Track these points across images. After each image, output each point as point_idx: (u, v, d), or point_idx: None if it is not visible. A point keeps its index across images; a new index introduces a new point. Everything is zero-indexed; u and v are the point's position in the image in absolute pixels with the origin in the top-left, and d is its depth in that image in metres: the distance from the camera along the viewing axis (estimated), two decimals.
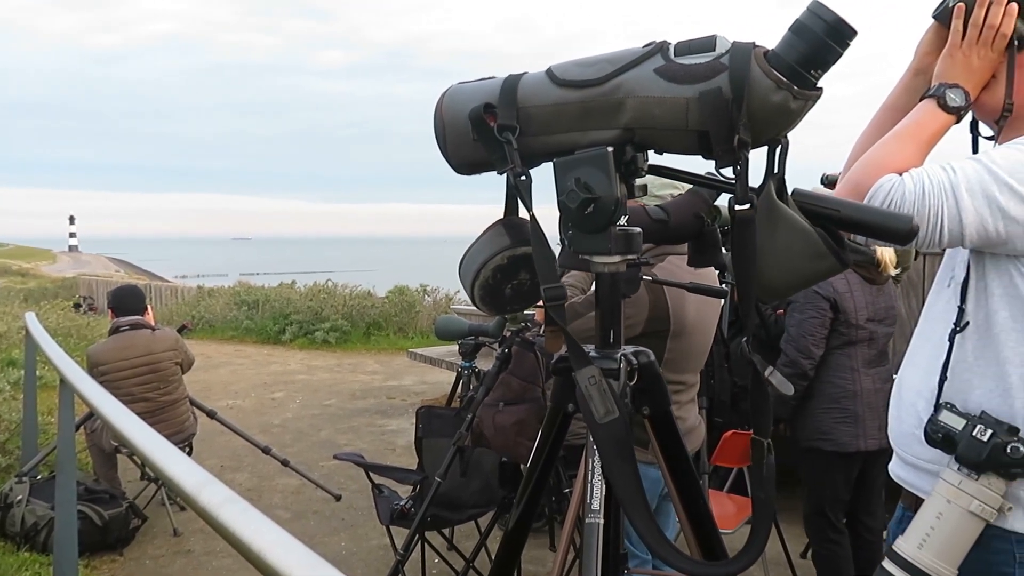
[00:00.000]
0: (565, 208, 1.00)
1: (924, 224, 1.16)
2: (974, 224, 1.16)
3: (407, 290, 12.66)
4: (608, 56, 1.03)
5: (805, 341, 2.87)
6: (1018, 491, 1.22)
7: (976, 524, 1.21)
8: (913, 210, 1.15)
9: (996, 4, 1.24)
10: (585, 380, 0.96)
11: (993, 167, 1.16)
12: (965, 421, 1.23)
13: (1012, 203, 1.15)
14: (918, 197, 1.15)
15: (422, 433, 3.29)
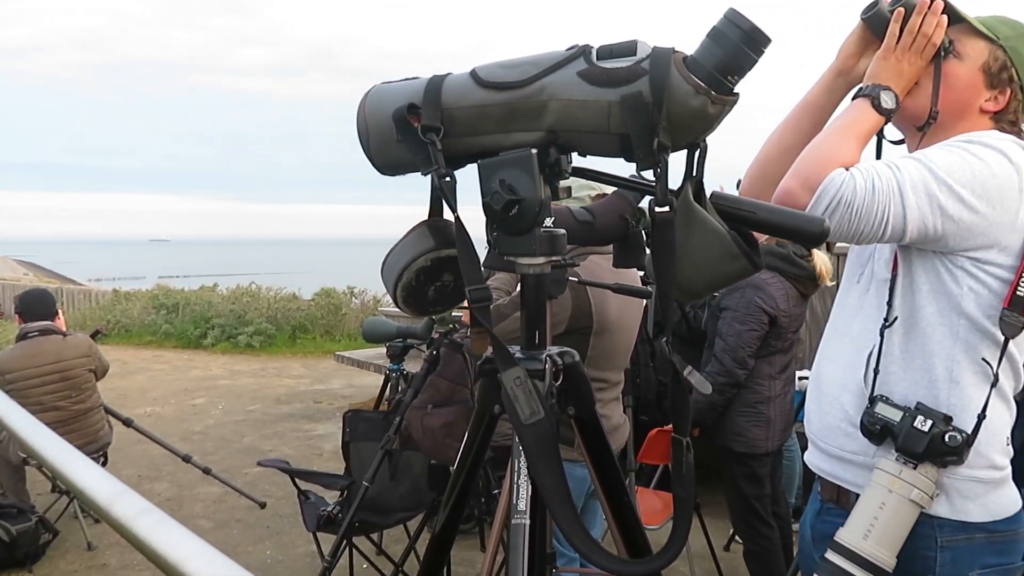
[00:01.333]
0: (490, 210, 1.01)
1: (870, 221, 1.20)
2: (916, 221, 1.21)
3: (334, 292, 12.47)
4: (532, 59, 1.03)
5: (743, 352, 2.94)
6: (942, 477, 1.28)
7: (914, 512, 1.26)
8: (862, 205, 1.19)
9: (931, 14, 1.30)
10: (511, 381, 0.96)
11: (934, 167, 1.21)
12: (903, 413, 1.28)
13: (950, 202, 1.20)
14: (867, 193, 1.19)
15: (349, 437, 3.25)
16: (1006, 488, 1.33)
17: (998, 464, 1.30)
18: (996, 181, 1.21)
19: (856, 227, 1.20)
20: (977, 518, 1.29)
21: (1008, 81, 1.33)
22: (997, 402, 1.29)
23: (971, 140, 1.26)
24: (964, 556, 1.28)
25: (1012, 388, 1.33)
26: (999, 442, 1.31)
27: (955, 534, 1.28)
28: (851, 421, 1.35)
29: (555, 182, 1.06)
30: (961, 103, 1.34)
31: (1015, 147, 1.26)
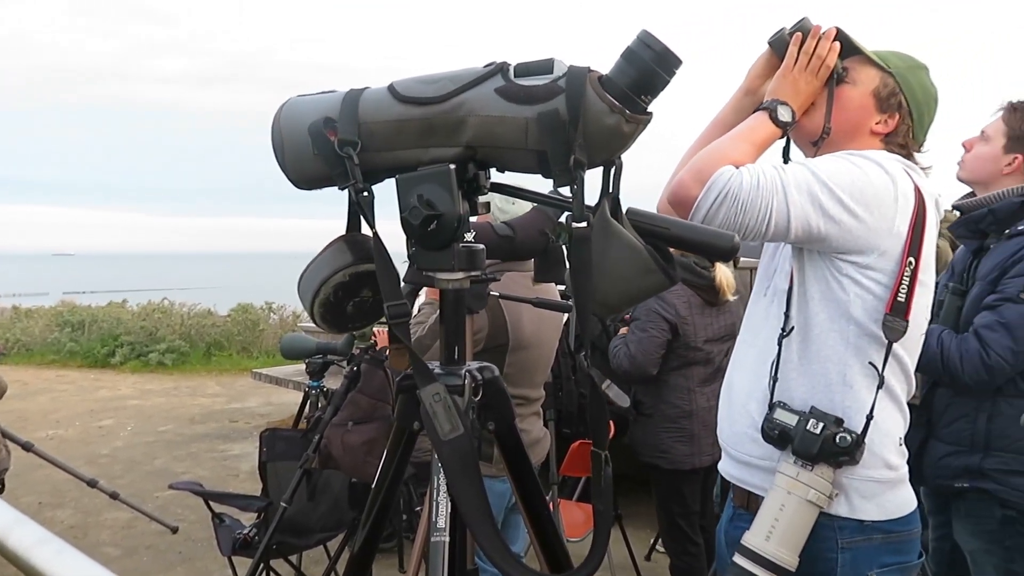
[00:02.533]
0: (408, 225, 1.00)
1: (755, 214, 1.26)
2: (799, 219, 1.28)
3: (251, 308, 12.16)
4: (450, 74, 1.03)
5: (643, 359, 2.97)
6: (840, 478, 1.34)
7: (813, 512, 1.32)
8: (748, 199, 1.26)
9: (825, 39, 1.41)
10: (429, 397, 0.95)
11: (816, 171, 1.30)
12: (798, 417, 1.34)
13: (831, 203, 1.28)
14: (752, 188, 1.26)
15: (266, 457, 3.16)
16: (902, 488, 1.39)
17: (892, 464, 1.37)
18: (873, 189, 1.30)
19: (742, 220, 1.27)
20: (875, 517, 1.34)
21: (897, 107, 1.44)
22: (888, 404, 1.36)
23: (853, 153, 1.36)
24: (863, 556, 1.33)
25: (904, 391, 1.40)
26: (892, 443, 1.37)
27: (854, 535, 1.34)
28: (757, 428, 1.40)
29: (474, 197, 1.06)
30: (852, 123, 1.44)
31: (894, 162, 1.36)
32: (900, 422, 1.40)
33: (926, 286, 1.37)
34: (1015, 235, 1.92)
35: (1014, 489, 1.89)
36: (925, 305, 1.39)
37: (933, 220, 1.38)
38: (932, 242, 1.38)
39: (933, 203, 1.39)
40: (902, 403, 1.40)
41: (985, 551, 1.97)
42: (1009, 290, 1.86)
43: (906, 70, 1.45)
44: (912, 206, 1.32)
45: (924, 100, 1.45)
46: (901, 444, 1.40)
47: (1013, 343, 1.82)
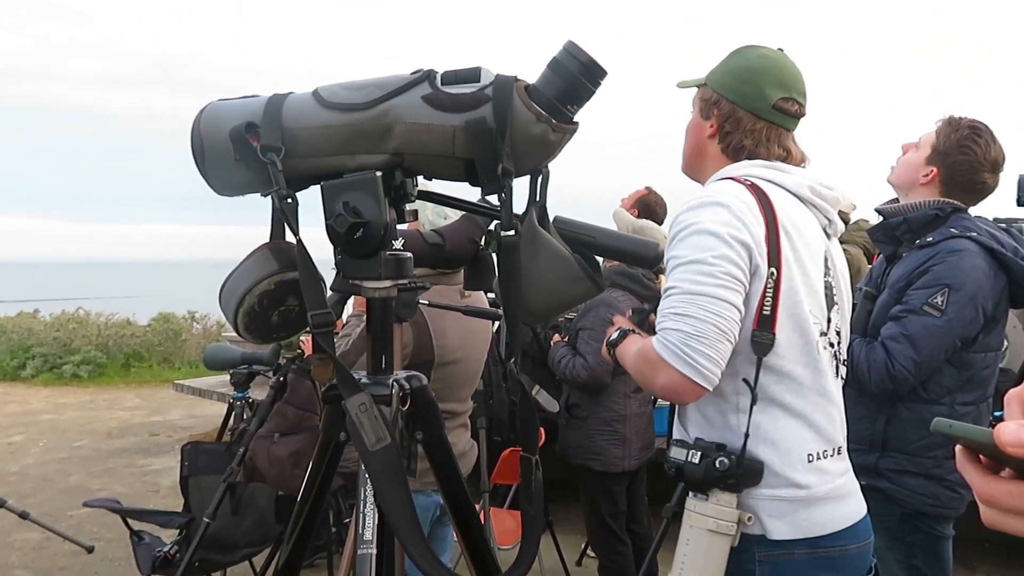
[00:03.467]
0: (333, 232, 0.99)
1: (717, 343, 1.27)
2: (734, 310, 1.30)
3: (173, 317, 11.77)
4: (376, 81, 1.02)
5: (601, 369, 3.01)
6: (748, 500, 1.33)
7: (719, 540, 1.31)
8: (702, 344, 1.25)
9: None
10: (355, 408, 0.94)
11: (688, 280, 1.30)
12: (686, 451, 1.35)
13: (723, 279, 1.29)
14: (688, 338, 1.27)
15: (188, 471, 3.06)
16: (823, 505, 1.35)
17: (800, 483, 1.33)
18: (727, 230, 1.29)
19: (720, 350, 1.26)
20: (788, 536, 1.32)
21: (714, 104, 1.48)
22: (787, 421, 1.34)
23: (683, 230, 1.31)
24: (784, 570, 1.32)
25: (810, 404, 1.36)
26: (798, 460, 1.34)
27: (772, 549, 1.33)
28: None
29: (401, 205, 1.06)
30: (695, 145, 1.53)
31: (725, 192, 1.35)
32: (809, 438, 1.36)
33: (797, 289, 1.34)
34: (924, 246, 1.98)
35: (906, 489, 1.96)
36: (807, 309, 1.35)
37: (795, 218, 1.38)
38: (802, 240, 1.37)
39: (794, 200, 1.40)
40: (809, 417, 1.36)
41: (888, 548, 2.05)
42: (914, 302, 1.92)
43: (715, 69, 1.50)
44: (761, 220, 1.32)
45: (734, 76, 1.46)
46: (816, 459, 1.36)
47: (916, 355, 1.88)
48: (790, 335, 1.33)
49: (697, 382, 1.23)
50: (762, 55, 1.46)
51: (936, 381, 1.95)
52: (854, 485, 1.44)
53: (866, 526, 1.42)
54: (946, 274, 1.90)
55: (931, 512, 1.98)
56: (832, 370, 1.42)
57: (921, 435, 1.96)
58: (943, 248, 1.94)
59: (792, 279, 1.33)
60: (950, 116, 2.07)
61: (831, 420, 1.40)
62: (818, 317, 1.38)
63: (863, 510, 1.42)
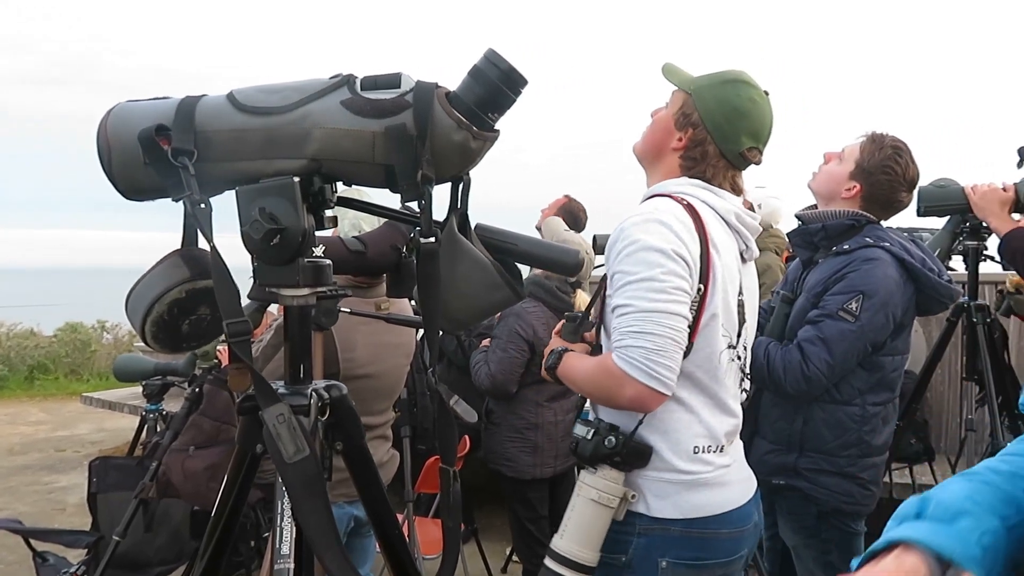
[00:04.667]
0: (249, 239, 0.96)
1: (669, 356, 1.35)
2: (680, 317, 1.38)
3: (81, 327, 11.27)
4: (294, 84, 1.01)
5: (504, 378, 3.03)
6: (636, 480, 1.43)
7: (601, 511, 1.42)
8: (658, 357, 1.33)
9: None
10: (273, 419, 0.92)
11: (638, 295, 1.37)
12: (586, 428, 1.46)
13: (669, 291, 1.37)
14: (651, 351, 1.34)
15: (97, 488, 2.94)
16: (704, 491, 1.45)
17: (683, 469, 1.44)
18: (672, 247, 1.36)
19: (671, 358, 1.36)
20: (670, 515, 1.44)
21: (691, 123, 1.51)
22: (681, 415, 1.44)
23: (628, 244, 1.37)
24: (657, 543, 1.43)
25: (703, 404, 1.47)
26: (684, 450, 1.44)
27: (651, 524, 1.44)
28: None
29: (320, 211, 1.04)
30: (657, 145, 1.56)
31: (664, 210, 1.41)
32: (697, 432, 1.46)
33: (717, 305, 1.43)
34: (841, 253, 2.06)
35: (823, 488, 2.05)
36: (721, 324, 1.45)
37: (719, 239, 1.46)
38: (722, 261, 1.45)
39: (721, 223, 1.48)
40: (700, 414, 1.46)
41: (805, 545, 2.13)
42: (830, 306, 2.00)
43: (706, 87, 1.52)
44: (696, 239, 1.40)
45: (721, 111, 1.50)
46: (701, 452, 1.46)
47: (830, 357, 1.96)
48: (701, 344, 1.43)
49: (662, 392, 1.34)
50: (751, 99, 1.51)
51: (849, 383, 2.04)
52: (736, 476, 1.53)
53: (742, 516, 1.51)
54: (860, 281, 1.99)
55: (846, 509, 2.06)
56: (735, 383, 1.54)
57: (836, 435, 2.04)
58: (858, 256, 2.02)
59: (715, 295, 1.43)
60: (873, 133, 2.16)
61: (721, 423, 1.50)
62: (728, 331, 1.48)
63: (742, 500, 1.52)
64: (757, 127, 1.52)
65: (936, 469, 3.87)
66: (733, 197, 1.53)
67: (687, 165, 1.52)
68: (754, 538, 1.57)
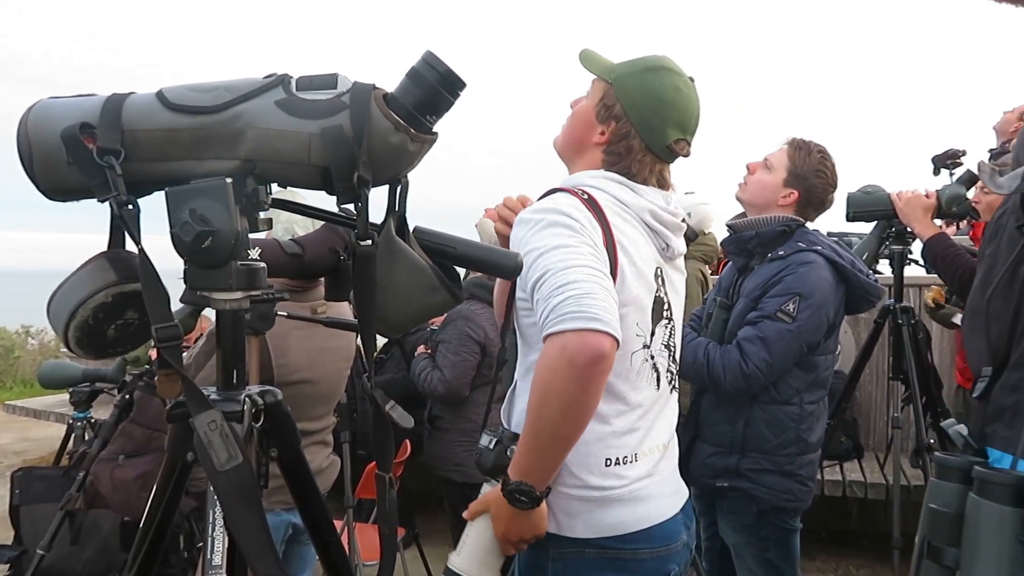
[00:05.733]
0: (179, 241, 0.94)
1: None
2: (604, 286, 1.27)
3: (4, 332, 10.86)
4: (226, 83, 0.98)
5: (458, 383, 3.01)
6: (557, 488, 1.33)
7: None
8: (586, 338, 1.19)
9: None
10: (204, 425, 0.90)
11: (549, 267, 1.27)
12: (490, 438, 1.39)
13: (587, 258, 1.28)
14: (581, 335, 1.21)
15: (19, 500, 2.81)
16: (617, 507, 1.35)
17: (593, 484, 1.34)
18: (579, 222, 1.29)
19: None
20: (581, 534, 1.34)
21: (614, 116, 1.43)
22: (593, 426, 1.28)
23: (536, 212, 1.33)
24: (573, 568, 1.34)
25: (614, 411, 1.37)
26: (595, 463, 1.34)
27: (564, 547, 1.35)
28: None
29: (254, 213, 1.02)
30: (578, 139, 1.48)
31: (567, 204, 1.33)
32: (610, 443, 1.36)
33: (624, 302, 1.32)
34: (776, 259, 2.14)
35: (765, 487, 2.10)
36: (634, 322, 1.36)
37: (628, 233, 1.38)
38: (630, 257, 1.36)
39: (634, 219, 1.40)
40: (612, 423, 1.36)
41: (745, 544, 2.18)
42: (768, 308, 2.07)
43: (628, 75, 1.43)
44: (599, 230, 1.32)
45: (645, 102, 1.41)
46: (614, 464, 1.36)
47: (768, 356, 2.03)
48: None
49: (606, 331, 1.17)
50: (676, 88, 1.42)
51: (786, 383, 2.10)
52: (659, 490, 1.42)
53: (667, 532, 1.39)
54: (797, 284, 2.06)
55: (786, 507, 2.12)
56: (651, 383, 1.42)
57: (776, 434, 2.10)
58: (794, 260, 2.10)
59: (623, 288, 1.34)
60: (796, 139, 2.22)
61: (634, 429, 1.39)
62: (642, 330, 1.38)
63: (665, 515, 1.40)
64: (683, 117, 1.43)
65: (865, 466, 4.01)
66: (653, 192, 1.44)
67: (610, 160, 1.44)
68: (684, 556, 1.45)
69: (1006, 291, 0.73)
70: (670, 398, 1.50)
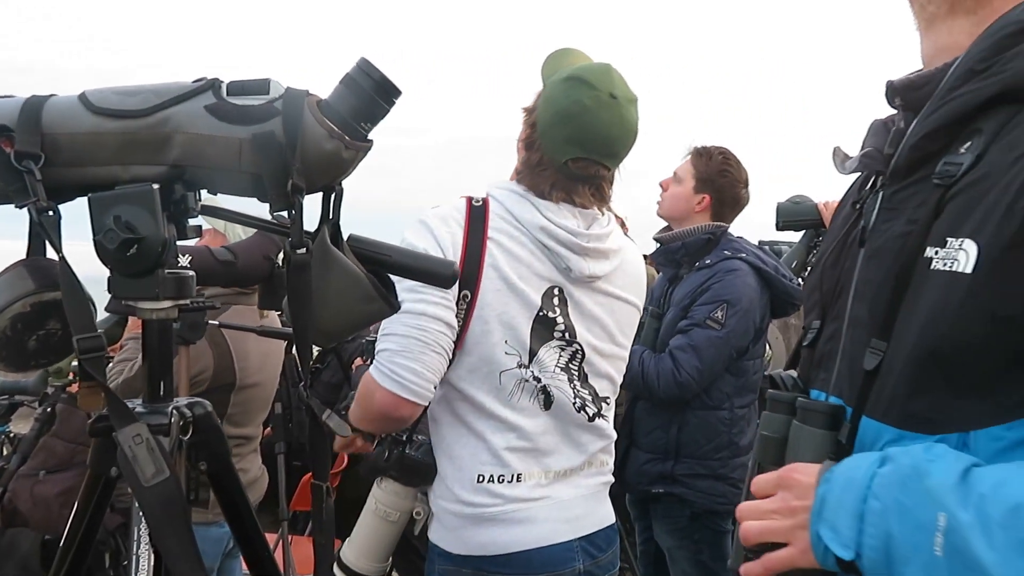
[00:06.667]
0: (102, 249, 0.91)
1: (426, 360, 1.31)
2: (440, 325, 1.33)
3: None
4: (154, 87, 0.96)
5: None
6: (433, 503, 1.37)
7: (381, 524, 1.43)
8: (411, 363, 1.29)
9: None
10: (129, 439, 0.87)
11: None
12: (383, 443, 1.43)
13: (426, 301, 1.32)
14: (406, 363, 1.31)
15: None
16: (486, 527, 1.34)
17: (465, 499, 1.35)
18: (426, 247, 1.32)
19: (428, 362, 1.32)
20: (457, 550, 1.35)
21: (531, 122, 1.41)
22: (469, 441, 1.35)
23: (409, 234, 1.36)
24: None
25: (489, 428, 1.36)
26: (468, 478, 1.35)
27: (445, 563, 1.37)
28: None
29: (182, 220, 0.99)
30: (519, 137, 1.45)
31: (434, 218, 1.37)
32: (484, 459, 1.36)
33: (488, 318, 1.34)
34: (703, 267, 2.21)
35: (698, 491, 2.16)
36: (502, 339, 1.35)
37: (514, 250, 1.36)
38: (505, 273, 1.35)
39: (524, 233, 1.37)
40: (487, 440, 1.36)
41: (679, 547, 2.22)
42: (697, 316, 2.14)
43: (551, 82, 1.39)
44: (460, 244, 1.33)
45: (547, 113, 1.37)
46: (487, 481, 1.35)
47: (700, 363, 2.09)
48: (474, 360, 1.34)
49: (406, 397, 1.26)
50: (582, 103, 1.33)
51: (718, 388, 2.16)
52: (548, 514, 1.38)
53: (550, 559, 1.36)
54: (724, 291, 2.13)
55: (720, 510, 2.18)
56: (536, 404, 1.39)
57: (709, 438, 2.16)
58: (720, 268, 2.18)
59: (486, 305, 1.33)
60: (696, 147, 2.33)
61: (514, 449, 1.36)
62: (513, 348, 1.36)
63: (549, 540, 1.37)
64: (583, 135, 1.34)
65: None
66: (560, 210, 1.38)
67: (519, 167, 1.43)
68: None
69: (837, 260, 0.85)
70: (589, 425, 1.45)
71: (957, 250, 0.67)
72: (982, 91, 0.68)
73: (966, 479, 0.62)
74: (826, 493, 0.68)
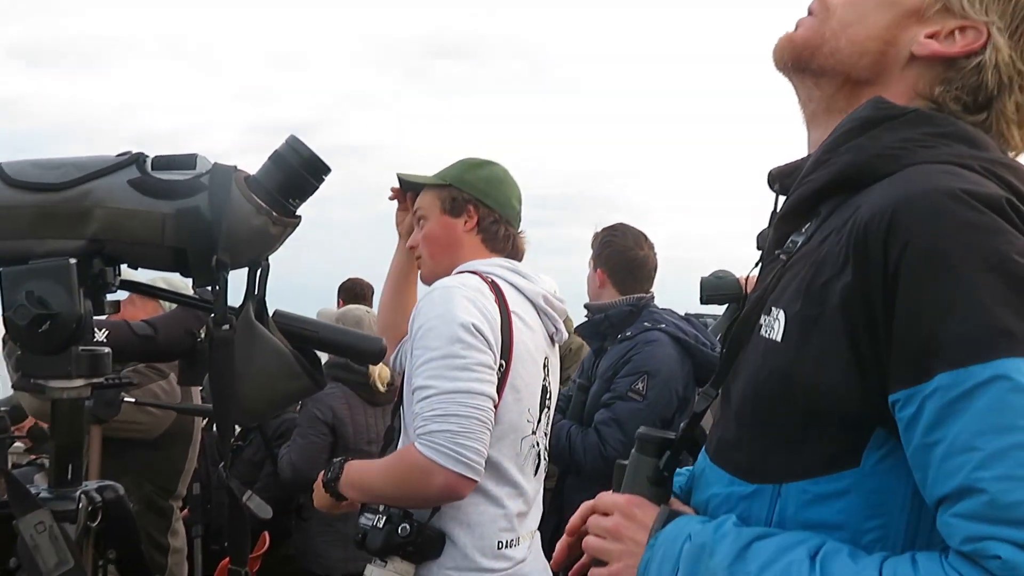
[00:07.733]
0: (12, 325, 0.87)
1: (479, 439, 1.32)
2: (485, 396, 1.36)
3: None
4: (75, 160, 0.94)
5: (306, 466, 2.88)
6: (447, 572, 1.36)
7: None
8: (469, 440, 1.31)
9: (399, 210, 1.74)
10: (30, 528, 0.82)
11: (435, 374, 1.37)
12: (375, 516, 1.39)
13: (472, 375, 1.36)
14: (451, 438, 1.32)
15: None
16: None
17: (485, 567, 1.39)
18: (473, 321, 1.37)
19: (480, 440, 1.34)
20: None
21: (469, 206, 1.54)
22: (488, 508, 1.40)
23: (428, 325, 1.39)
24: None
25: (505, 492, 1.43)
26: (488, 546, 1.40)
27: None
28: None
29: (100, 295, 0.96)
30: (444, 245, 1.55)
31: (465, 291, 1.42)
32: (503, 526, 1.42)
33: (519, 387, 1.43)
34: (624, 339, 2.26)
35: None
36: (526, 407, 1.45)
37: (527, 319, 1.48)
38: (525, 339, 1.46)
39: (528, 304, 1.50)
40: (506, 505, 1.42)
41: None
42: (620, 388, 2.17)
43: (463, 172, 1.57)
44: (498, 315, 1.41)
45: (493, 186, 1.57)
46: (504, 547, 1.42)
47: (624, 436, 2.11)
48: (504, 428, 1.41)
49: (472, 477, 1.30)
50: (504, 171, 1.60)
51: None
52: (531, 567, 1.47)
53: None
54: (644, 362, 2.18)
55: None
56: (533, 468, 1.50)
57: None
58: (640, 340, 2.23)
59: (518, 376, 1.42)
60: (594, 232, 2.45)
61: (521, 513, 1.46)
62: (531, 416, 1.47)
63: None
64: (517, 191, 1.61)
65: None
66: (539, 278, 1.56)
67: (487, 235, 1.55)
68: None
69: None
70: (541, 483, 1.57)
71: (775, 319, 0.75)
72: (818, 180, 0.77)
73: (743, 556, 0.70)
74: (650, 560, 0.76)
